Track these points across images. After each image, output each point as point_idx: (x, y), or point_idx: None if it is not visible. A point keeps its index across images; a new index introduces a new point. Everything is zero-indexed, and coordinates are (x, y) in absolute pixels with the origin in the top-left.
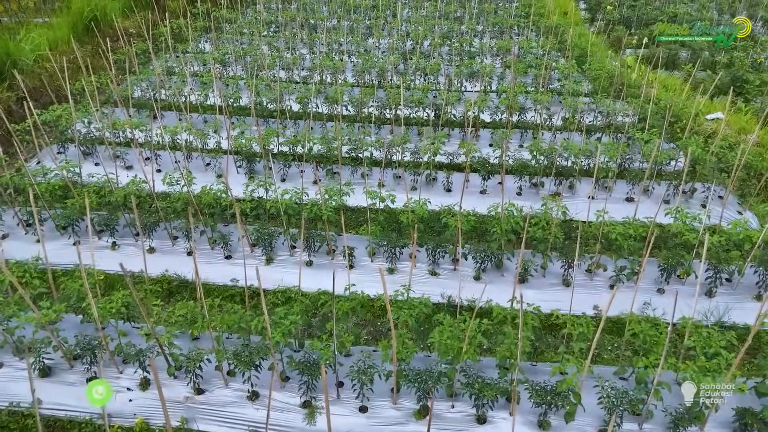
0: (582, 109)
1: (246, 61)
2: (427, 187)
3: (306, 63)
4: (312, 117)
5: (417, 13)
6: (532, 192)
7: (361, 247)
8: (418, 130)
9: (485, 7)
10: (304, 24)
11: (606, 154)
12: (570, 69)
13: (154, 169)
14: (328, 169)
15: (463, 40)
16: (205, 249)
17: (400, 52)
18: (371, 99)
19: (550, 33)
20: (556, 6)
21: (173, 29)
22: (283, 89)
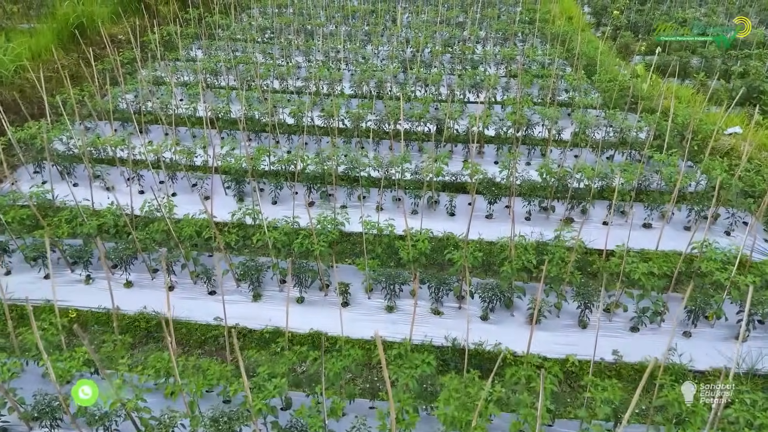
0: (593, 124)
1: (239, 70)
2: (429, 210)
3: (302, 72)
4: (307, 131)
5: (417, 17)
6: (542, 217)
7: (357, 281)
8: (419, 146)
9: (488, 13)
10: (300, 30)
11: (623, 178)
12: (579, 81)
13: (136, 190)
14: (322, 191)
15: (465, 48)
16: (187, 283)
17: (400, 61)
18: (370, 112)
19: (556, 40)
20: (561, 10)
21: (163, 36)
22: (276, 102)
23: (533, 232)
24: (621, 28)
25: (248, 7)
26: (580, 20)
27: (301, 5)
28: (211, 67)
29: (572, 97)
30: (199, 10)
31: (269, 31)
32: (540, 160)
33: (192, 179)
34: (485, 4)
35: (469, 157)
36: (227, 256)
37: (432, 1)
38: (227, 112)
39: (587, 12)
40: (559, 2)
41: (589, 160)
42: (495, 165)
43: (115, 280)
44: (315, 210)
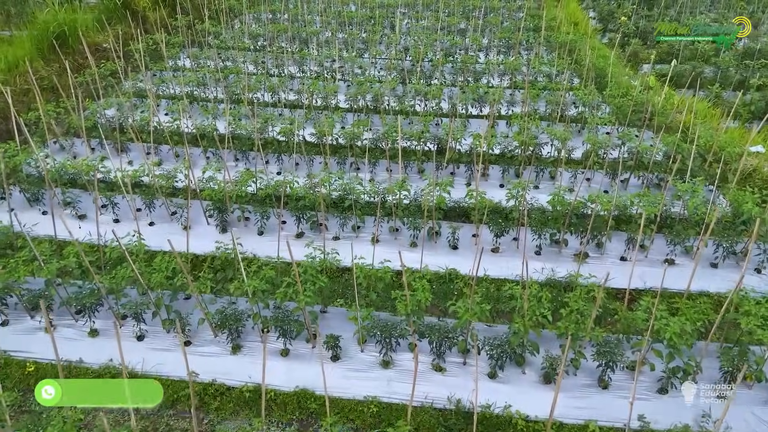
0: (606, 144)
1: (228, 81)
2: (430, 242)
3: (295, 83)
4: (298, 149)
5: (417, 24)
6: (554, 251)
7: (349, 330)
8: (419, 167)
9: (491, 20)
10: (295, 37)
11: (643, 210)
12: (590, 96)
13: (111, 218)
14: (313, 221)
15: (467, 58)
16: (159, 332)
17: (399, 71)
18: (366, 130)
19: (562, 50)
20: (566, 15)
21: (149, 45)
22: (266, 119)
23: (544, 269)
24: (629, 35)
25: (240, 13)
26: (586, 26)
27: (296, 11)
28: (196, 79)
29: (582, 113)
30: (188, 18)
31: (262, 38)
32: (549, 183)
33: (172, 207)
34: (488, 10)
35: (474, 179)
36: (203, 303)
37: (432, 6)
38: (213, 130)
39: (592, 17)
40: (563, 7)
41: (603, 183)
42: (501, 188)
43: (78, 328)
44: (304, 243)
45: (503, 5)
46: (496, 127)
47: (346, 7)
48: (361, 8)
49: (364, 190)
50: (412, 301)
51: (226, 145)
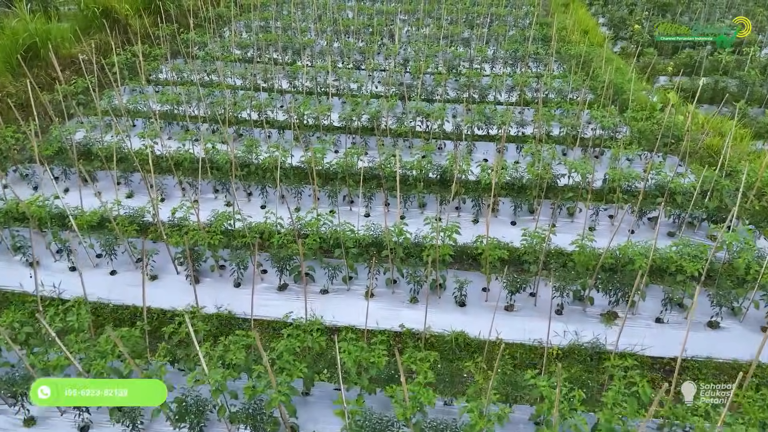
0: (633, 178)
1: (213, 96)
2: (433, 297)
3: (286, 99)
4: (286, 178)
5: (418, 33)
6: (577, 309)
7: (337, 424)
8: (419, 201)
9: (496, 29)
10: (287, 47)
11: (687, 267)
12: (609, 119)
13: (67, 266)
14: (296, 273)
15: (472, 73)
16: (105, 424)
17: (398, 85)
18: (360, 158)
19: (575, 63)
20: (575, 22)
21: (128, 58)
22: (250, 144)
23: (566, 332)
24: (643, 44)
25: (230, 21)
26: (597, 35)
27: (289, 19)
28: (175, 98)
29: (600, 137)
30: (173, 27)
31: (252, 48)
32: (567, 221)
33: (136, 253)
34: (493, 17)
35: (483, 214)
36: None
37: (434, 13)
38: (189, 158)
39: (602, 23)
40: (572, 12)
41: (628, 220)
42: (513, 227)
43: (11, 415)
44: (287, 297)
45: (509, 12)
46: (505, 152)
47: (343, 14)
48: (358, 15)
49: (356, 236)
50: (412, 403)
51: (201, 174)
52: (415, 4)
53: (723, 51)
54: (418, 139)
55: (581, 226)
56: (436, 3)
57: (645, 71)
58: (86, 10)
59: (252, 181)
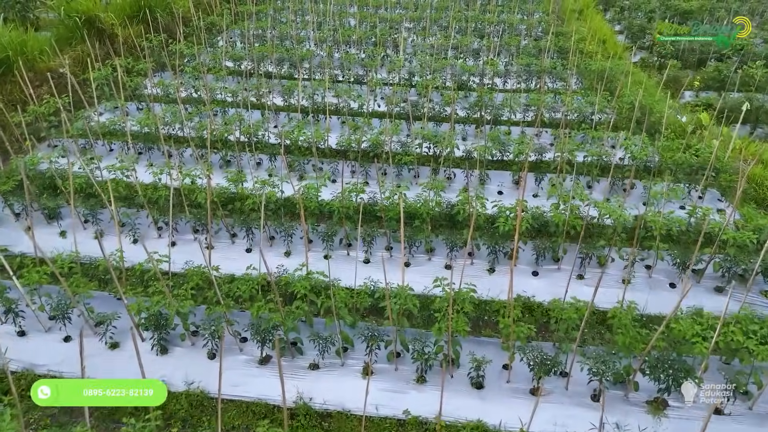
0: (673, 227)
1: (200, 118)
2: (444, 373)
3: (281, 118)
4: (275, 219)
5: (425, 42)
6: (617, 395)
7: None
8: (426, 246)
9: (509, 40)
10: (283, 59)
11: (754, 350)
12: (642, 152)
13: (14, 330)
14: (282, 347)
15: (483, 91)
16: None
17: (403, 102)
18: (362, 189)
19: (596, 78)
20: (590, 30)
21: (110, 73)
22: (234, 180)
23: (605, 424)
24: (665, 56)
25: (224, 30)
26: (614, 45)
27: (287, 27)
28: (152, 121)
29: (631, 168)
30: (160, 37)
31: (247, 60)
32: (597, 272)
33: (94, 316)
34: (504, 26)
35: (498, 262)
36: None
37: (441, 21)
38: (165, 197)
39: (618, 30)
40: (586, 20)
41: (669, 273)
42: (535, 277)
43: None
44: (270, 373)
45: (520, 20)
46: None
47: (345, 21)
48: (360, 24)
49: (350, 300)
50: None
51: (178, 211)
52: (421, 11)
53: (754, 65)
54: (425, 167)
55: (614, 278)
56: (443, 11)
57: (669, 85)
58: (67, 19)
59: (237, 221)
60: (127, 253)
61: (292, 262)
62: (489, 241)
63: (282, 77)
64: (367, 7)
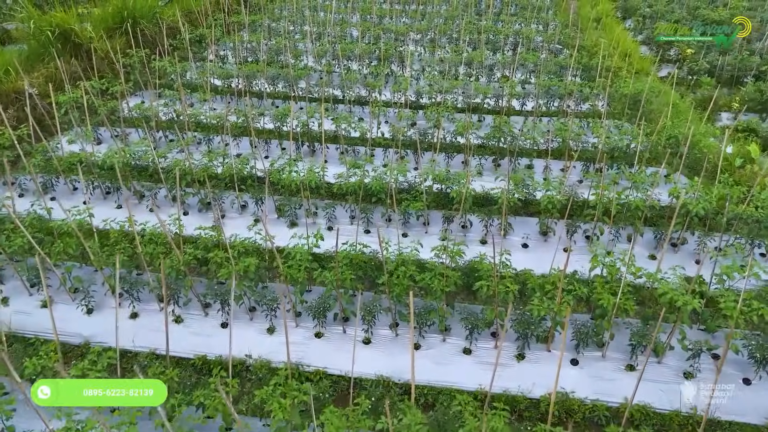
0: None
1: (172, 155)
2: None
3: (272, 149)
4: (249, 290)
5: (433, 57)
6: None
7: None
8: (441, 326)
9: (528, 57)
10: (277, 77)
11: None
12: (700, 204)
13: None
14: None
15: (501, 121)
16: None
17: (411, 124)
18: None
19: (627, 103)
20: (611, 41)
21: (80, 96)
22: (206, 246)
23: None
24: (697, 72)
25: (214, 43)
26: (640, 59)
27: (283, 41)
28: (120, 158)
29: (682, 222)
30: (141, 53)
31: (236, 79)
32: (652, 363)
33: None
34: (520, 40)
35: (527, 347)
36: None
37: (451, 31)
38: (129, 256)
39: (640, 40)
40: (605, 29)
41: (743, 366)
42: (573, 366)
43: None
44: None
45: (536, 31)
46: (552, 235)
47: (347, 31)
48: (362, 36)
49: (346, 424)
50: None
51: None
52: (429, 21)
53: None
54: (436, 212)
55: (673, 371)
56: (452, 21)
57: (702, 105)
58: (39, 33)
59: (209, 291)
60: (81, 323)
61: (274, 341)
62: (519, 326)
63: (276, 96)
64: (370, 16)
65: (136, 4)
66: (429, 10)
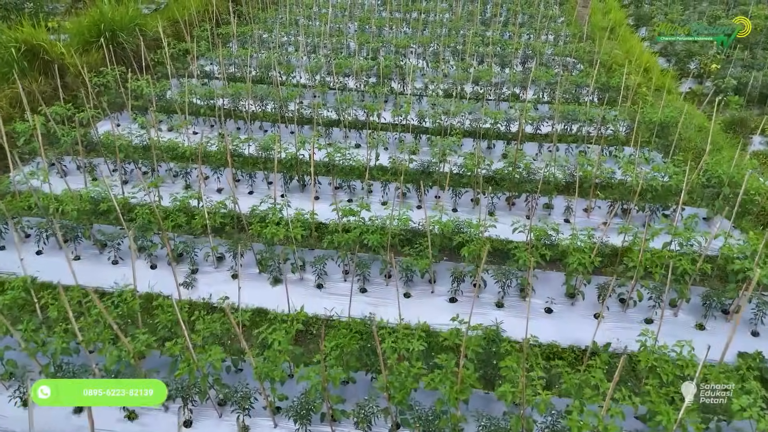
0: None
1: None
2: None
3: (256, 181)
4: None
5: (437, 74)
6: None
7: None
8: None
9: (542, 76)
10: (264, 97)
11: None
12: (758, 250)
13: None
14: None
15: (517, 156)
16: None
17: (412, 150)
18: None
19: (654, 131)
20: (627, 53)
21: (42, 124)
22: (162, 325)
23: None
24: (725, 90)
25: (196, 59)
26: (659, 73)
27: (273, 56)
28: (75, 203)
29: (737, 288)
30: (116, 72)
31: (221, 99)
32: None
33: None
34: (530, 52)
35: None
36: None
37: (455, 44)
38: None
39: (656, 50)
40: (618, 39)
41: None
42: None
43: None
44: None
45: (547, 43)
46: (584, 293)
47: (344, 42)
48: (360, 49)
49: None
50: None
51: None
52: (431, 31)
53: None
54: (443, 267)
55: None
56: (457, 32)
57: (732, 128)
58: (3, 50)
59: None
60: None
61: None
62: None
63: (264, 118)
64: (369, 26)
65: (114, 15)
66: (431, 18)
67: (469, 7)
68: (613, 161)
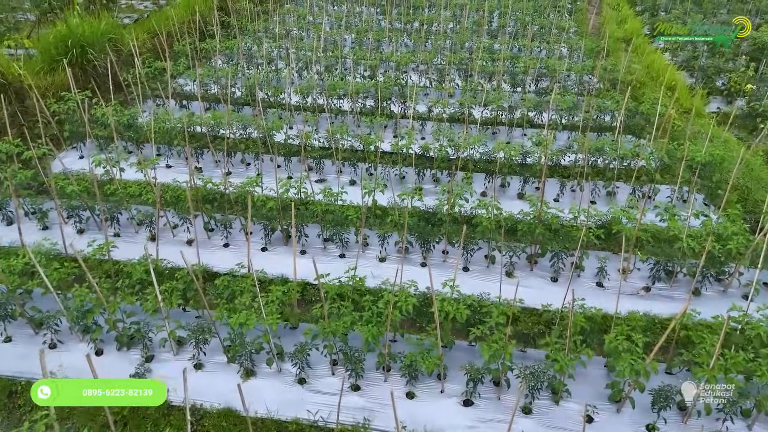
0: None
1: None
2: None
3: (234, 238)
4: None
5: (442, 97)
6: None
7: None
8: None
9: (563, 102)
10: (248, 126)
11: None
12: None
13: None
14: None
15: (541, 208)
16: None
17: (416, 188)
18: None
19: (696, 171)
20: (648, 68)
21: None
22: None
23: None
24: (762, 114)
25: (179, 75)
26: (685, 92)
27: (260, 78)
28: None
29: None
30: (77, 98)
31: (203, 129)
32: None
33: None
34: (544, 72)
35: None
36: None
37: (460, 57)
38: None
39: (677, 63)
40: (637, 53)
41: None
42: None
43: None
44: None
45: (564, 63)
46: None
47: (339, 55)
48: (356, 66)
49: None
50: None
51: None
52: (435, 45)
53: None
54: (456, 354)
55: None
56: (462, 45)
57: None
58: None
59: None
60: None
61: None
62: None
63: (246, 148)
64: (367, 39)
65: (84, 29)
66: (434, 28)
67: (474, 17)
68: (651, 205)
